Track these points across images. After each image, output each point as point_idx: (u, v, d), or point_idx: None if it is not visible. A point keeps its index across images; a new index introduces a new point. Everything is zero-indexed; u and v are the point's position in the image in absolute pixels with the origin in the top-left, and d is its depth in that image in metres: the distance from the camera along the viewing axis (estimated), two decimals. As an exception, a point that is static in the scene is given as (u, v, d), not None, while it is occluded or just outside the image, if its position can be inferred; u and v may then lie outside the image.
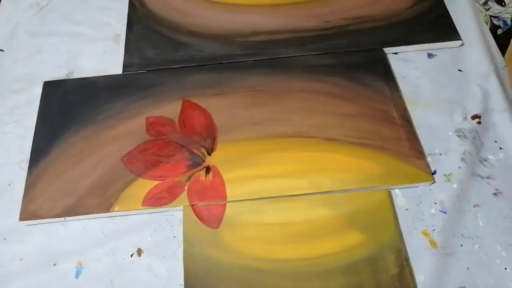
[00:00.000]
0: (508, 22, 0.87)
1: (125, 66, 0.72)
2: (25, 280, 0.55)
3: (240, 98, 0.67)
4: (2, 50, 0.75)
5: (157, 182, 0.60)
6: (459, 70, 0.70)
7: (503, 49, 0.73)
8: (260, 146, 0.62)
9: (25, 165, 0.62)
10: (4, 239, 0.58)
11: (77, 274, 0.55)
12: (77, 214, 0.58)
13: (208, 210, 0.58)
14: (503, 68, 0.70)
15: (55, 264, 0.55)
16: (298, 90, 0.68)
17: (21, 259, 0.56)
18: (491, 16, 0.88)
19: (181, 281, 0.53)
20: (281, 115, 0.65)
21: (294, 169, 0.60)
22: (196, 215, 0.57)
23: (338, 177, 0.59)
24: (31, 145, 0.64)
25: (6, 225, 0.58)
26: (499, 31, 0.88)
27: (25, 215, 0.58)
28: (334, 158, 0.60)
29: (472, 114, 0.66)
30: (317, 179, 0.59)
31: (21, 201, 0.59)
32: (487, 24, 0.84)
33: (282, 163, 0.60)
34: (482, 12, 0.87)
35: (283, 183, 0.59)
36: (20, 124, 0.67)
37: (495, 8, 0.87)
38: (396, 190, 0.60)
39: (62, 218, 0.58)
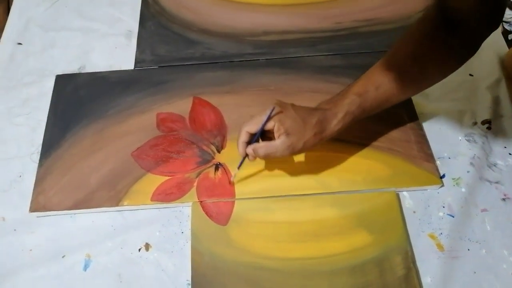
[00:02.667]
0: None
1: (136, 62, 0.73)
2: (34, 271, 0.55)
3: (251, 96, 0.67)
4: (20, 44, 0.76)
5: (166, 177, 0.60)
6: (470, 75, 0.70)
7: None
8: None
9: (36, 157, 0.63)
10: (14, 230, 0.58)
11: (86, 267, 0.55)
12: (86, 208, 0.58)
13: (217, 207, 0.58)
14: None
15: (63, 256, 0.56)
16: (308, 90, 0.68)
17: (30, 250, 0.56)
18: (503, 21, 0.88)
19: (188, 277, 0.54)
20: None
21: (303, 169, 0.60)
22: (204, 211, 0.58)
23: (346, 177, 0.59)
24: (42, 137, 0.64)
25: (16, 217, 0.59)
26: (510, 36, 0.87)
27: (35, 207, 0.58)
28: (343, 159, 0.61)
29: (482, 119, 0.66)
30: (326, 179, 0.59)
31: (31, 193, 0.59)
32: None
33: (292, 162, 0.61)
34: (494, 17, 0.86)
35: (292, 182, 0.59)
36: (31, 117, 0.68)
37: (507, 13, 0.87)
38: (404, 193, 0.60)
39: (71, 211, 0.58)
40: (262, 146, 0.51)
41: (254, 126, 0.51)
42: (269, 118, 0.50)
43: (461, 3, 0.49)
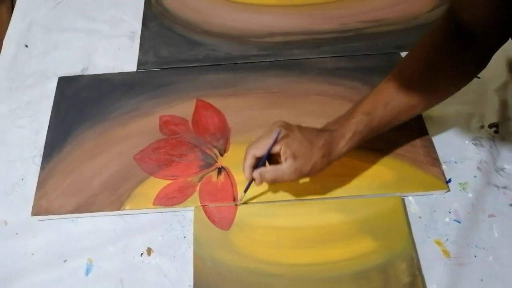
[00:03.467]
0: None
1: (139, 64, 0.72)
2: (35, 275, 0.55)
3: (254, 99, 0.67)
4: (26, 46, 0.75)
5: (169, 181, 0.59)
6: (477, 77, 0.69)
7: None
8: (273, 148, 0.61)
9: (39, 160, 0.63)
10: (16, 233, 0.58)
11: (87, 272, 0.55)
12: (88, 212, 0.58)
13: (220, 211, 0.57)
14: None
15: (65, 261, 0.56)
16: (312, 93, 0.67)
17: (32, 254, 0.56)
18: None
19: (191, 282, 0.53)
20: (295, 118, 0.63)
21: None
22: (207, 216, 0.57)
23: (351, 182, 0.58)
24: (44, 140, 0.64)
25: (18, 220, 0.59)
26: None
27: (37, 211, 0.58)
28: (348, 164, 0.60)
29: (490, 122, 0.64)
30: (330, 184, 0.58)
31: (33, 196, 0.59)
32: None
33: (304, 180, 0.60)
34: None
35: (296, 187, 0.58)
36: (34, 119, 0.67)
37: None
38: (410, 198, 0.59)
39: (73, 215, 0.58)
40: (269, 170, 0.50)
41: (260, 150, 0.50)
42: (275, 142, 0.49)
43: (475, 17, 0.48)
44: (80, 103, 0.68)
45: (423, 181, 0.59)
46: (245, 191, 0.55)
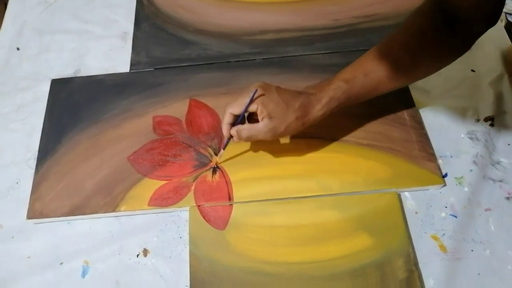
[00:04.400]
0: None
1: (132, 65, 0.72)
2: (31, 279, 0.55)
3: (248, 97, 0.66)
4: (17, 49, 0.75)
5: (163, 182, 0.59)
6: (472, 70, 0.69)
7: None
8: (268, 146, 0.61)
9: (33, 163, 0.62)
10: (12, 237, 0.58)
11: (84, 274, 0.55)
12: (83, 214, 0.58)
13: (215, 211, 0.57)
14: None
15: (61, 263, 0.55)
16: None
17: (28, 258, 0.56)
18: (506, 13, 0.85)
19: (187, 282, 0.53)
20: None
21: (302, 171, 0.59)
22: (202, 216, 0.57)
23: (346, 179, 0.58)
24: (38, 143, 0.64)
25: (13, 224, 0.58)
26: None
27: (32, 214, 0.58)
28: (343, 160, 0.60)
29: (485, 116, 0.64)
30: (326, 181, 0.58)
31: (28, 200, 0.59)
32: (501, 22, 0.82)
33: (290, 164, 0.60)
34: (496, 9, 0.84)
35: (291, 184, 0.58)
36: (27, 122, 0.67)
37: (511, 5, 0.85)
38: (406, 193, 0.59)
39: (68, 218, 0.58)
40: (245, 128, 0.52)
41: (237, 108, 0.52)
42: (251, 101, 0.51)
43: (461, 0, 0.48)
44: (73, 105, 0.67)
45: (419, 176, 0.58)
46: (224, 147, 0.56)
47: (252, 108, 0.51)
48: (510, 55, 0.68)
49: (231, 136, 0.54)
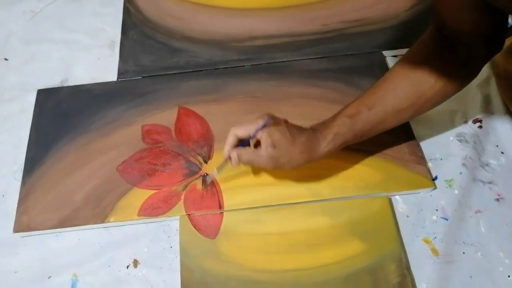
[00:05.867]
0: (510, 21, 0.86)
1: (120, 73, 0.71)
2: (19, 294, 0.54)
3: (237, 104, 0.66)
4: (6, 59, 0.74)
5: (153, 191, 0.59)
6: (459, 73, 0.69)
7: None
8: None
9: (19, 175, 0.61)
10: (-2, 251, 0.57)
11: (73, 287, 0.54)
12: (72, 226, 0.57)
13: (205, 219, 0.57)
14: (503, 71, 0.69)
15: (50, 277, 0.54)
16: (295, 95, 0.67)
17: (15, 272, 0.55)
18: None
19: (178, 293, 0.52)
20: (279, 121, 0.64)
21: (292, 177, 0.59)
22: (193, 225, 0.56)
23: (337, 184, 0.58)
24: (24, 154, 0.63)
25: (0, 237, 0.57)
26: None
27: (19, 227, 0.57)
28: (333, 165, 0.59)
29: (473, 118, 0.64)
30: (316, 187, 0.58)
31: (15, 212, 0.58)
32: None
33: (280, 171, 0.59)
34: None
35: (281, 191, 0.58)
36: (13, 133, 0.66)
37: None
38: (397, 197, 0.59)
39: (57, 230, 0.57)
40: (247, 152, 0.51)
41: (242, 131, 0.51)
42: (263, 128, 0.50)
43: (456, 23, 0.48)
44: (61, 115, 0.66)
45: (409, 179, 0.58)
46: (218, 169, 0.55)
47: (258, 135, 0.50)
48: (497, 57, 0.68)
49: (229, 157, 0.52)
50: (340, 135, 0.51)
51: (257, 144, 0.52)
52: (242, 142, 0.52)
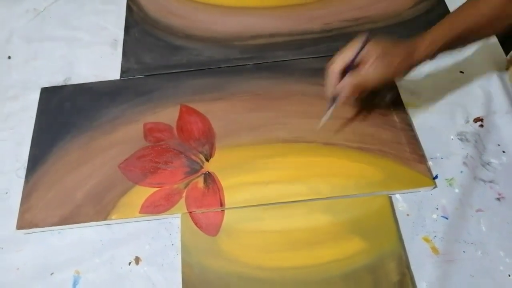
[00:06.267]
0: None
1: (122, 72, 0.71)
2: (22, 290, 0.54)
3: (239, 103, 0.66)
4: (9, 58, 0.74)
5: (154, 189, 0.59)
6: (461, 72, 0.69)
7: (507, 49, 0.71)
8: (259, 151, 0.61)
9: (22, 173, 0.62)
10: (1, 248, 0.57)
11: (75, 284, 0.54)
12: (74, 223, 0.57)
13: (206, 217, 0.57)
14: (506, 69, 0.69)
15: (52, 274, 0.55)
16: (297, 94, 0.67)
17: (17, 269, 0.55)
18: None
19: (180, 290, 0.53)
20: (280, 120, 0.64)
21: (293, 175, 0.59)
22: (194, 222, 0.57)
23: (337, 182, 0.58)
24: (27, 152, 0.63)
25: (3, 234, 0.58)
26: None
27: (21, 224, 0.57)
28: (334, 163, 0.60)
29: (474, 116, 0.64)
30: (317, 185, 0.58)
31: (18, 210, 0.58)
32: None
33: (281, 169, 0.60)
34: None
35: (282, 189, 0.58)
36: (16, 131, 0.66)
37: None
38: (397, 195, 0.59)
39: (59, 227, 0.57)
40: (354, 75, 0.52)
41: (348, 53, 0.52)
42: (366, 42, 0.51)
43: None
44: (64, 114, 0.67)
45: (409, 178, 0.58)
46: (329, 112, 0.55)
47: (363, 51, 0.51)
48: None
49: (334, 100, 0.53)
50: (436, 42, 0.53)
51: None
52: (348, 68, 0.52)
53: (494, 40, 0.72)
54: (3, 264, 0.56)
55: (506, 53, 0.71)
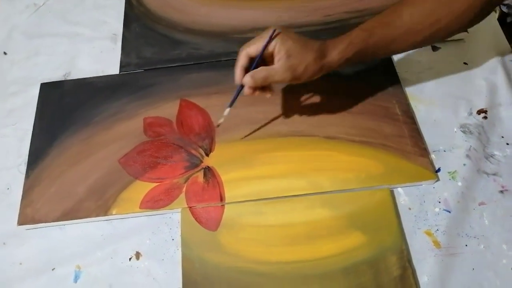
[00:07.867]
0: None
1: (122, 66, 0.71)
2: (24, 285, 0.54)
3: (239, 96, 0.66)
4: (5, 53, 0.74)
5: (155, 184, 0.59)
6: (465, 63, 0.68)
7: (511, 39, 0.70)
8: (259, 146, 0.61)
9: (24, 168, 0.62)
10: (4, 243, 0.57)
11: (76, 278, 0.54)
12: (75, 218, 0.57)
13: (207, 212, 0.57)
14: (511, 60, 0.68)
15: (53, 269, 0.55)
16: (296, 87, 0.66)
17: (20, 264, 0.56)
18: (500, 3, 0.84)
19: (180, 284, 0.53)
20: (280, 114, 0.64)
21: (294, 169, 0.58)
22: (194, 217, 0.56)
23: (338, 176, 0.58)
24: (29, 147, 0.63)
25: (5, 230, 0.58)
26: (509, 19, 0.84)
27: (23, 220, 0.57)
28: (335, 157, 0.59)
29: (478, 108, 0.63)
30: (317, 179, 0.58)
31: (19, 205, 0.58)
32: (495, 13, 0.81)
33: (281, 163, 0.59)
34: None
35: (282, 183, 0.58)
36: (18, 127, 0.67)
37: (505, -4, 0.84)
38: (399, 189, 0.58)
39: (60, 223, 0.57)
40: (261, 70, 0.50)
41: (253, 48, 0.50)
42: (271, 39, 0.49)
43: None
44: (64, 109, 0.67)
45: (411, 172, 0.58)
46: (233, 101, 0.54)
47: (269, 48, 0.49)
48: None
49: (242, 87, 0.51)
50: (353, 45, 0.51)
51: (265, 61, 0.51)
52: (254, 61, 0.51)
53: (499, 31, 0.71)
54: (6, 259, 0.56)
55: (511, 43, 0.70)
